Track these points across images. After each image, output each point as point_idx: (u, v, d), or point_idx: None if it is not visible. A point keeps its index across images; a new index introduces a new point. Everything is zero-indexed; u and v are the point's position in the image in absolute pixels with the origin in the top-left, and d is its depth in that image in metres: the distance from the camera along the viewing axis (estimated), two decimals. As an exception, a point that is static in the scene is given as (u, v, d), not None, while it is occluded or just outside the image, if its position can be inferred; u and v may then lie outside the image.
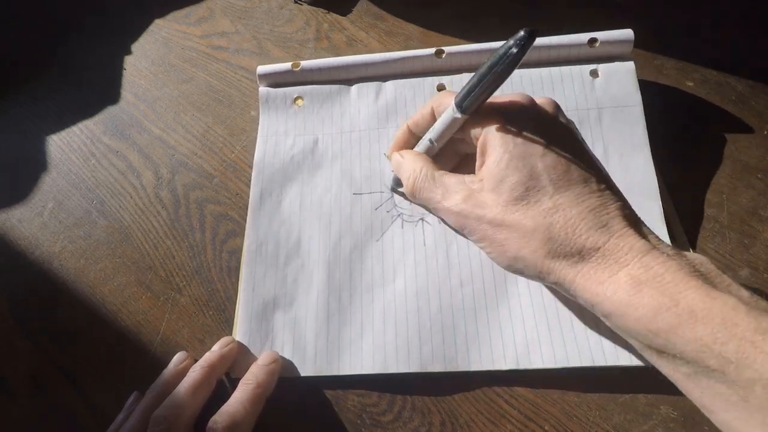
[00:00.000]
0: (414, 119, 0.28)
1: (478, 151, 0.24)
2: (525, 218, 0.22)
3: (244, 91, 0.38)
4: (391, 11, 0.41)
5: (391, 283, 0.30)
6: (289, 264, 0.31)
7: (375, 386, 0.28)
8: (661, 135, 0.32)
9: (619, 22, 0.34)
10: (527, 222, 0.22)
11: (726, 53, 0.36)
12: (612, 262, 0.21)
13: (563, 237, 0.21)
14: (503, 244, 0.23)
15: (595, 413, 0.27)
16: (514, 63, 0.21)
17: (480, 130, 0.24)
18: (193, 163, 0.36)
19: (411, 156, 0.27)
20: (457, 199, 0.24)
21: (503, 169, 0.22)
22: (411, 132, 0.28)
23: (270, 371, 0.27)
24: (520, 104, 0.24)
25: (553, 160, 0.22)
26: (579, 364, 0.27)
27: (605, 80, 0.33)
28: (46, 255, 0.34)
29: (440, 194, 0.25)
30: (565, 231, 0.21)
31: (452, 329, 0.28)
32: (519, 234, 0.22)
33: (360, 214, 0.32)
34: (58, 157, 0.38)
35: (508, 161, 0.22)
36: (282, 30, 0.41)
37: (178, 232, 0.34)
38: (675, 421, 0.26)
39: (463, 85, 0.24)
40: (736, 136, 0.33)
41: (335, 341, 0.29)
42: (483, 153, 0.24)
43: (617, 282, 0.20)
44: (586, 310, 0.28)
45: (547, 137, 0.23)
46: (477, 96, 0.23)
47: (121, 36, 0.42)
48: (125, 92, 0.40)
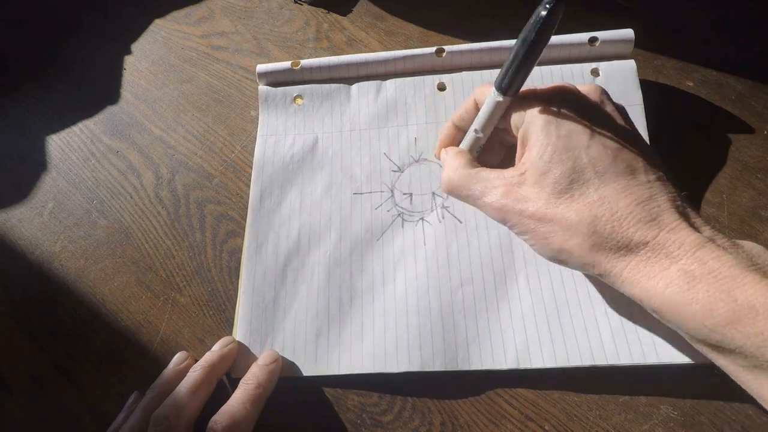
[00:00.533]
0: (458, 113, 0.28)
1: (519, 141, 0.24)
2: (569, 211, 0.22)
3: (244, 91, 0.38)
4: (391, 11, 0.41)
5: (391, 282, 0.30)
6: (289, 264, 0.31)
7: (375, 386, 0.28)
8: (661, 135, 0.32)
9: (620, 22, 0.34)
10: (571, 215, 0.21)
11: (726, 53, 0.36)
12: (663, 256, 0.20)
13: (609, 230, 0.21)
14: (546, 237, 0.22)
15: (595, 413, 0.27)
16: (545, 28, 0.20)
17: (521, 120, 0.24)
18: (193, 163, 0.36)
19: (451, 153, 0.27)
20: (497, 194, 0.24)
21: (546, 162, 0.22)
22: (456, 127, 0.28)
23: (270, 371, 0.27)
24: (562, 93, 0.23)
25: (598, 152, 0.22)
26: (579, 364, 0.27)
27: (606, 79, 0.33)
28: (46, 255, 0.34)
29: (479, 190, 0.24)
30: (611, 224, 0.21)
31: (452, 329, 0.28)
32: (563, 227, 0.22)
33: (360, 213, 0.32)
34: (58, 157, 0.38)
35: (551, 154, 0.22)
36: (282, 30, 0.41)
37: (178, 232, 0.34)
38: (675, 421, 0.26)
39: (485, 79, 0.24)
40: (736, 136, 0.33)
41: (335, 341, 0.29)
42: (524, 144, 0.24)
43: (669, 277, 0.20)
44: (585, 309, 0.28)
45: (591, 127, 0.22)
46: (515, 72, 0.22)
47: (121, 36, 0.42)
48: (125, 92, 0.40)
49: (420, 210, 0.32)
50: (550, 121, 0.22)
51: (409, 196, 0.32)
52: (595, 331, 0.28)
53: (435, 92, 0.35)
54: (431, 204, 0.32)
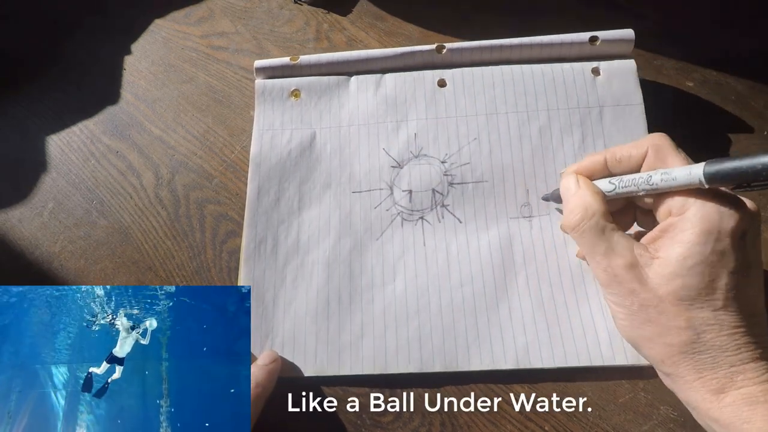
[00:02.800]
0: (618, 155, 0.25)
1: (662, 226, 0.23)
2: (680, 316, 0.22)
3: (244, 91, 0.38)
4: (391, 11, 0.41)
5: (390, 282, 0.30)
6: (288, 263, 0.31)
7: (375, 386, 0.28)
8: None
9: (620, 22, 0.34)
10: (681, 320, 0.22)
11: (726, 53, 0.36)
12: (740, 379, 0.21)
13: (707, 347, 0.21)
14: (642, 323, 0.23)
15: (595, 413, 0.27)
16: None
17: (682, 209, 0.22)
18: (193, 163, 0.36)
19: (588, 191, 0.24)
20: (619, 263, 0.23)
21: (687, 268, 0.21)
22: (605, 165, 0.26)
23: (269, 371, 0.27)
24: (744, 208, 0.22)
25: (737, 281, 0.21)
26: (578, 364, 0.27)
27: (607, 78, 0.33)
28: (46, 255, 0.34)
29: (603, 249, 0.23)
30: (712, 343, 0.21)
31: (452, 329, 0.28)
32: (665, 325, 0.22)
33: (359, 212, 0.32)
34: (58, 157, 0.38)
35: (695, 264, 0.21)
36: (282, 30, 0.41)
37: (178, 232, 0.34)
38: (675, 421, 0.26)
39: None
40: (736, 136, 0.33)
41: (335, 341, 0.29)
42: (667, 231, 0.23)
43: (734, 396, 0.21)
44: (585, 309, 0.28)
45: (743, 255, 0.22)
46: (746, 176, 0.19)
47: (121, 36, 0.42)
48: (125, 92, 0.40)
49: (419, 209, 0.32)
50: (713, 230, 0.21)
51: (408, 194, 0.32)
52: (593, 332, 0.28)
53: (435, 88, 0.35)
54: (431, 201, 0.32)
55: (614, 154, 0.25)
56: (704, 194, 0.22)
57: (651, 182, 0.23)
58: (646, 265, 0.22)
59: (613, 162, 0.25)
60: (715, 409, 0.21)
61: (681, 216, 0.22)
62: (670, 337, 0.22)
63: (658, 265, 0.22)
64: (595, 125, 0.32)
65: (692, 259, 0.21)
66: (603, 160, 0.26)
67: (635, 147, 0.24)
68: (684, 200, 0.22)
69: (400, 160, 0.33)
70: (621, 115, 0.32)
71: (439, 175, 0.32)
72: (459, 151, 0.33)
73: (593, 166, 0.26)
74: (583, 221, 0.24)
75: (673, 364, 0.22)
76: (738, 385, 0.21)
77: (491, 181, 0.32)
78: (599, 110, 0.33)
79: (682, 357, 0.22)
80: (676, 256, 0.22)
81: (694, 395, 0.22)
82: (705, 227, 0.21)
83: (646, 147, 0.24)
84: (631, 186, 0.24)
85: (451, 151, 0.33)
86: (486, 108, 0.34)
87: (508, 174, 0.32)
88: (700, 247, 0.21)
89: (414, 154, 0.33)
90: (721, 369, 0.21)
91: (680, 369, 0.22)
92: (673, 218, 0.23)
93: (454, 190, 0.32)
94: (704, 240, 0.21)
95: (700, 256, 0.21)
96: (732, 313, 0.21)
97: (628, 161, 0.25)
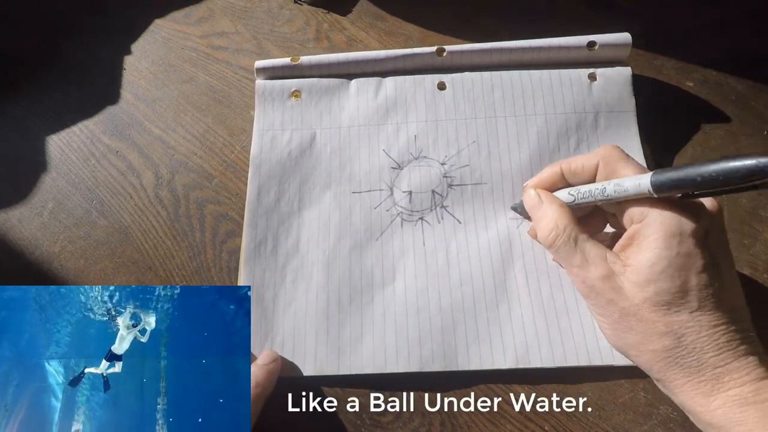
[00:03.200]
0: (572, 167, 0.26)
1: (629, 233, 0.23)
2: (659, 321, 0.22)
3: (244, 91, 0.38)
4: (391, 11, 0.41)
5: (390, 282, 0.30)
6: (288, 263, 0.31)
7: (375, 386, 0.28)
8: (661, 135, 0.32)
9: (619, 22, 0.34)
10: (660, 326, 0.22)
11: (726, 53, 0.36)
12: (727, 380, 0.21)
13: (689, 350, 0.22)
14: (626, 332, 0.23)
15: (594, 413, 0.27)
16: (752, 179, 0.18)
17: (642, 216, 0.23)
18: (193, 163, 0.36)
19: (555, 207, 0.25)
20: (595, 273, 0.23)
21: (656, 273, 0.22)
22: (563, 176, 0.27)
23: (269, 371, 0.27)
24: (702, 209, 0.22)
25: (708, 280, 0.22)
26: (578, 364, 0.27)
27: (603, 84, 0.34)
28: (46, 255, 0.34)
29: (578, 261, 0.24)
30: (693, 345, 0.22)
31: (452, 329, 0.28)
32: (646, 332, 0.22)
33: (359, 212, 0.32)
34: (58, 157, 0.38)
35: (664, 268, 0.22)
36: (282, 30, 0.41)
37: (177, 232, 0.34)
38: (674, 421, 0.26)
39: None
40: (736, 136, 0.33)
41: (335, 341, 0.29)
42: (635, 239, 0.23)
43: (724, 398, 0.21)
44: (585, 310, 0.28)
45: (710, 254, 0.22)
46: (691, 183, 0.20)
47: (121, 36, 0.42)
48: (125, 92, 0.40)
49: (419, 209, 0.32)
50: (675, 234, 0.22)
51: (408, 195, 0.32)
52: (593, 332, 0.28)
53: (435, 91, 0.35)
54: (431, 203, 0.32)
55: (569, 165, 0.26)
56: (662, 201, 0.22)
57: (606, 193, 0.24)
58: (621, 274, 0.23)
59: (569, 173, 0.26)
60: (706, 412, 0.21)
61: (642, 222, 0.23)
62: (652, 344, 0.22)
63: (630, 273, 0.23)
64: (590, 130, 0.33)
65: (660, 264, 0.22)
66: (560, 171, 0.27)
67: (587, 159, 0.25)
68: (642, 209, 0.23)
69: (400, 162, 0.33)
70: (615, 122, 0.33)
71: (438, 176, 0.33)
72: (458, 154, 0.33)
73: (552, 178, 0.27)
74: (557, 238, 0.24)
75: (660, 370, 0.23)
76: (726, 386, 0.21)
77: (490, 183, 0.32)
78: (594, 116, 0.33)
79: (667, 362, 0.22)
80: (645, 263, 0.22)
81: (686, 399, 0.22)
82: (667, 231, 0.22)
83: (597, 159, 0.25)
84: (589, 197, 0.25)
85: (450, 153, 0.33)
86: (485, 111, 0.34)
87: (506, 177, 0.32)
88: (666, 251, 0.22)
89: (414, 156, 0.33)
90: (707, 371, 0.22)
91: (669, 374, 0.22)
92: (636, 225, 0.23)
93: (453, 191, 0.32)
94: (668, 244, 0.22)
95: (667, 260, 0.22)
96: (709, 313, 0.22)
97: (582, 172, 0.26)
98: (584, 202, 0.25)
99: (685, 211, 0.22)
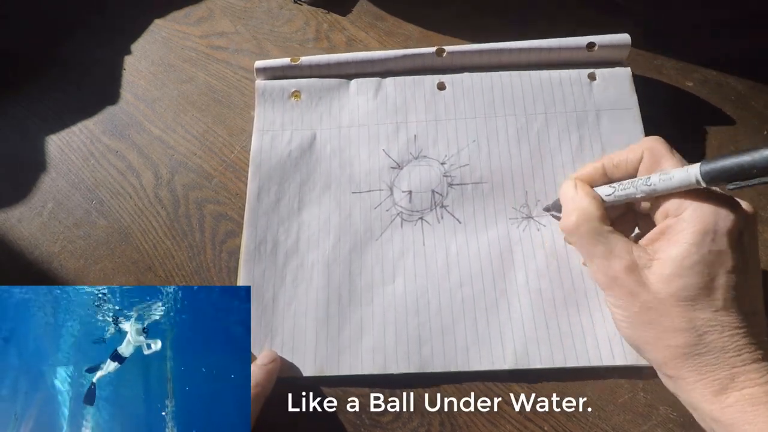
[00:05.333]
0: (615, 160, 0.25)
1: (660, 227, 0.23)
2: (681, 317, 0.22)
3: (243, 91, 0.38)
4: (391, 11, 0.41)
5: (390, 282, 0.30)
6: (288, 263, 0.31)
7: (375, 386, 0.28)
8: (661, 135, 0.32)
9: (619, 22, 0.34)
10: (682, 323, 0.22)
11: (726, 53, 0.36)
12: (742, 379, 0.21)
13: (708, 349, 0.21)
14: (643, 326, 0.22)
15: (594, 413, 0.27)
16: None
17: (679, 210, 0.22)
18: (192, 163, 0.36)
19: (585, 194, 0.25)
20: (618, 265, 0.23)
21: (686, 268, 0.21)
22: (604, 173, 0.26)
23: (268, 371, 0.27)
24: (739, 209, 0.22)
25: (736, 281, 0.21)
26: (578, 364, 0.27)
27: (603, 84, 0.34)
28: (45, 255, 0.34)
29: (601, 252, 0.23)
30: (714, 344, 0.21)
31: (452, 329, 0.28)
32: (667, 327, 0.22)
33: (359, 212, 0.32)
34: (58, 157, 0.38)
35: (693, 264, 0.21)
36: (282, 30, 0.41)
37: (177, 232, 0.34)
38: (674, 422, 0.26)
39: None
40: (736, 136, 0.33)
41: (335, 341, 0.29)
42: (665, 233, 0.23)
43: (737, 396, 0.21)
44: (585, 309, 0.28)
45: (741, 255, 0.22)
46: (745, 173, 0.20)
47: (121, 36, 0.42)
48: (125, 92, 0.40)
49: (419, 209, 0.32)
50: (710, 230, 0.21)
51: (408, 194, 0.32)
52: (593, 332, 0.28)
53: (435, 91, 0.35)
54: (430, 202, 0.32)
55: (611, 159, 0.25)
56: (700, 196, 0.22)
57: (649, 183, 0.23)
58: (646, 267, 0.22)
59: (611, 167, 0.25)
60: (716, 410, 0.21)
61: (678, 217, 0.22)
62: (671, 339, 0.22)
63: (657, 266, 0.22)
64: (592, 128, 0.33)
65: (690, 258, 0.21)
66: (601, 167, 0.26)
67: (631, 151, 0.25)
68: (680, 202, 0.22)
69: (400, 162, 0.33)
70: (617, 119, 0.33)
71: (438, 176, 0.33)
72: (458, 153, 0.33)
73: (592, 174, 0.26)
74: (580, 224, 0.24)
75: (675, 367, 0.22)
76: (740, 386, 0.21)
77: (490, 183, 0.32)
78: (596, 113, 0.33)
79: (684, 359, 0.22)
80: (674, 257, 0.22)
81: (696, 396, 0.22)
82: (702, 227, 0.21)
83: (641, 150, 0.24)
84: (630, 188, 0.24)
85: (450, 152, 0.33)
86: (485, 111, 0.34)
87: (506, 176, 0.32)
88: (697, 247, 0.21)
89: (414, 156, 0.33)
90: (723, 370, 0.21)
91: (683, 371, 0.22)
92: (671, 220, 0.23)
93: (453, 191, 0.32)
94: (701, 240, 0.21)
95: (698, 255, 0.21)
96: (732, 314, 0.21)
97: (625, 166, 0.25)
98: (624, 195, 0.24)
99: (723, 210, 0.22)
